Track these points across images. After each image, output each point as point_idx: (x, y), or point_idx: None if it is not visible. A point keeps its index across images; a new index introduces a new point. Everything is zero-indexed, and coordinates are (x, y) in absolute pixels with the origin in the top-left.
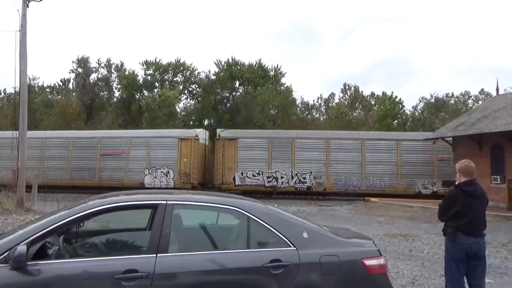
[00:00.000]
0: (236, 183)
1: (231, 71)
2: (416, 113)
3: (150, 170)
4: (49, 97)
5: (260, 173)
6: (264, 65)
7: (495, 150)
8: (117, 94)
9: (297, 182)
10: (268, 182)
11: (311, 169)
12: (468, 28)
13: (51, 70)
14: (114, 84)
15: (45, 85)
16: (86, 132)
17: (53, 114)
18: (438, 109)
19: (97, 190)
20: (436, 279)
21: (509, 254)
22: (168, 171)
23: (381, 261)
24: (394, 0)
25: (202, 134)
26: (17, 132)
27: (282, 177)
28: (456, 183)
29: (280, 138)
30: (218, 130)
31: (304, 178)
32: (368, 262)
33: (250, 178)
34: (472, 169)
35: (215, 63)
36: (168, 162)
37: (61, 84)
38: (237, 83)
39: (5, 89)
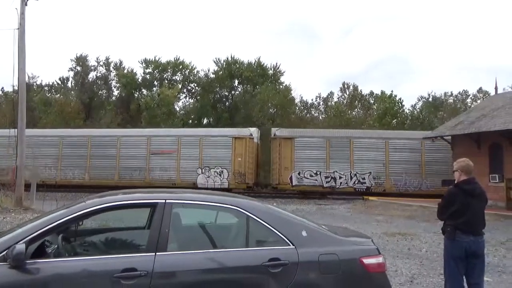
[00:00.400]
0: (293, 184)
1: (230, 70)
2: (415, 112)
3: (203, 170)
4: (48, 95)
5: (318, 173)
6: (263, 63)
7: (493, 149)
8: (116, 92)
9: (356, 182)
10: (327, 182)
11: (370, 169)
12: (466, 27)
13: (50, 68)
14: (113, 83)
15: (43, 83)
16: (134, 130)
17: (52, 113)
18: (437, 108)
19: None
20: (435, 277)
21: (507, 252)
22: (222, 171)
23: (379, 259)
24: (391, 1)
25: (255, 133)
26: (16, 130)
27: (340, 177)
28: (455, 182)
29: (337, 137)
30: (273, 129)
31: (363, 179)
32: (367, 261)
33: (308, 178)
34: (471, 167)
35: (214, 62)
36: (222, 162)
37: (59, 82)
38: (236, 81)
39: (3, 87)
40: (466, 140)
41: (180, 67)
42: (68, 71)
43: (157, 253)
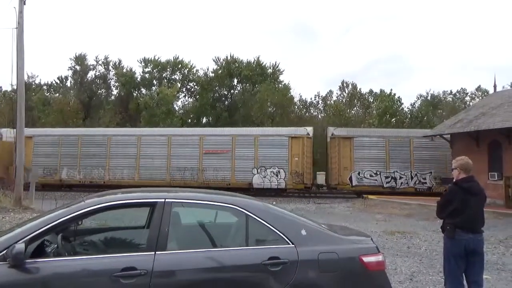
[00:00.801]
0: (353, 184)
1: (230, 69)
2: (414, 110)
3: (258, 170)
4: (47, 95)
5: (378, 173)
6: (262, 62)
7: (492, 147)
8: (115, 92)
9: (416, 182)
10: (387, 182)
11: (430, 169)
12: (465, 26)
13: (48, 68)
14: (112, 82)
15: (42, 83)
16: (186, 129)
17: (51, 112)
18: (435, 107)
19: None
20: (434, 275)
21: (506, 250)
22: (279, 171)
23: (379, 258)
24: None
25: (311, 132)
26: (15, 130)
27: (401, 177)
28: (454, 180)
29: (397, 136)
30: (331, 129)
31: (424, 179)
32: (366, 259)
33: (368, 178)
34: (470, 165)
35: (213, 60)
36: (278, 162)
37: (58, 82)
38: (235, 80)
39: (1, 87)
40: (465, 138)
41: (179, 66)
42: (67, 70)
43: (156, 252)
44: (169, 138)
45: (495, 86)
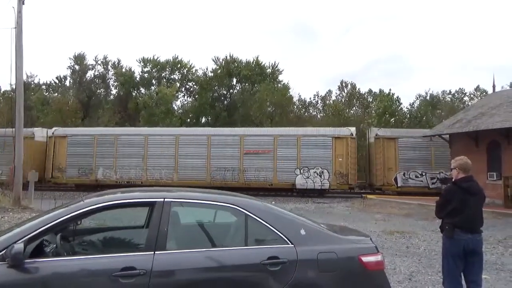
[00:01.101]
0: (399, 185)
1: (229, 68)
2: (413, 110)
3: (301, 170)
4: (45, 94)
5: (424, 174)
6: (262, 62)
7: (491, 147)
8: (114, 91)
9: None
10: (432, 184)
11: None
12: (464, 26)
13: (47, 67)
14: (111, 82)
15: (41, 82)
16: (226, 129)
17: (50, 112)
18: (434, 106)
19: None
20: (433, 275)
21: (505, 250)
22: (322, 171)
23: (378, 257)
24: (390, 0)
25: (354, 132)
26: (13, 130)
27: (446, 178)
28: (453, 179)
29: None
30: (374, 129)
31: None
32: (365, 259)
33: (413, 179)
34: (469, 165)
35: (213, 60)
36: (322, 162)
37: (57, 81)
38: (235, 80)
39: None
40: (464, 138)
41: (179, 66)
42: (66, 69)
43: (156, 252)
44: (208, 138)
45: (494, 86)
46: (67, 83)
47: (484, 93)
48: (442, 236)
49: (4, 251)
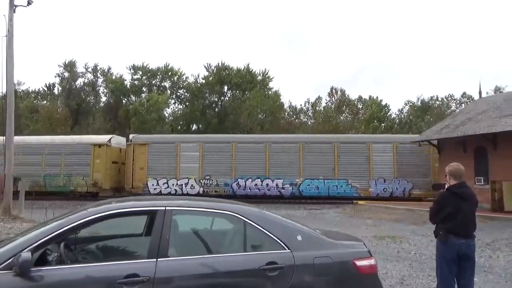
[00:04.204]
0: None
1: (220, 76)
2: (402, 116)
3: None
4: (34, 102)
5: None
6: (252, 70)
7: (478, 152)
8: (103, 99)
9: None
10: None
11: None
12: (450, 32)
13: (36, 75)
14: (101, 89)
15: (30, 90)
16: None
17: (39, 120)
18: (424, 112)
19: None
20: (424, 279)
21: (493, 253)
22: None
23: (371, 261)
24: (379, 7)
25: None
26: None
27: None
28: (446, 186)
29: None
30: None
31: None
32: (359, 263)
33: None
34: (462, 171)
35: (205, 67)
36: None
37: (46, 89)
38: (226, 87)
39: None
40: (452, 143)
41: (169, 73)
42: (55, 76)
43: (158, 259)
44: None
45: (480, 92)
46: (56, 90)
47: (471, 99)
48: (436, 241)
49: (11, 259)
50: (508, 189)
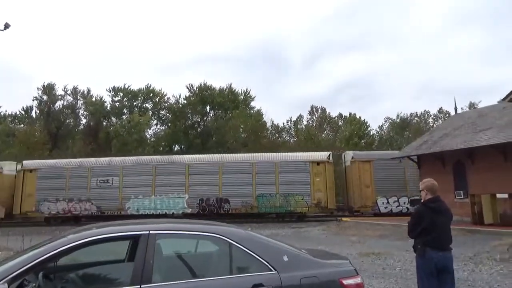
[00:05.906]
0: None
1: (202, 96)
2: (383, 133)
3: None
4: (11, 126)
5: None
6: (234, 89)
7: (457, 167)
8: (83, 121)
9: None
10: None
11: None
12: (424, 52)
13: (12, 98)
14: (81, 111)
15: (6, 113)
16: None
17: (15, 144)
18: (403, 129)
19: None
20: None
21: (475, 266)
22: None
23: (358, 280)
24: (356, 30)
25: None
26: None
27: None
28: (422, 201)
29: None
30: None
31: None
32: (346, 282)
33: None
34: (436, 186)
35: (187, 87)
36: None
37: (23, 112)
38: (208, 107)
39: None
40: (431, 159)
41: (151, 94)
42: (33, 100)
43: (142, 286)
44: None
45: (455, 108)
46: (34, 114)
47: (447, 115)
48: (415, 255)
49: None
50: (487, 202)
